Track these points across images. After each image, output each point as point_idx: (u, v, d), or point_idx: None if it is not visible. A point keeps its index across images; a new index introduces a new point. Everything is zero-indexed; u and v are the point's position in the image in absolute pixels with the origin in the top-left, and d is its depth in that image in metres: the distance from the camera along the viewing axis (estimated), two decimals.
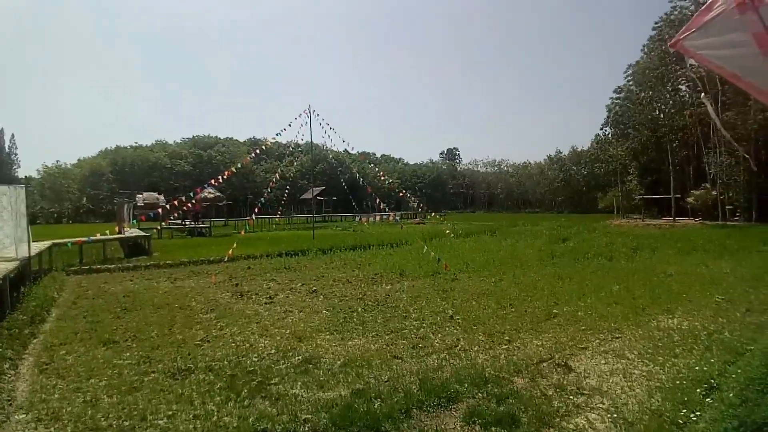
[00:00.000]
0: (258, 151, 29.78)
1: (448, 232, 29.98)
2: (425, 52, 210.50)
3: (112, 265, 20.05)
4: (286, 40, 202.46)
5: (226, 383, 7.05)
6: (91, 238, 19.07)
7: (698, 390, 6.52)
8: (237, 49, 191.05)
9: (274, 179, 29.65)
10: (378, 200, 29.17)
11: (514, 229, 38.88)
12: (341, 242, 27.37)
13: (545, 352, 8.45)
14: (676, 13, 49.92)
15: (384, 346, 8.81)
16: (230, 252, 19.08)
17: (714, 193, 45.93)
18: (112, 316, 11.53)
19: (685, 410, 5.98)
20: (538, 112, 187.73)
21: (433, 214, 42.67)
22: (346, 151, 38.71)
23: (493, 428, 5.66)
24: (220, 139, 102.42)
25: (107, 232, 21.08)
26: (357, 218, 55.19)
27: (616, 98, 61.12)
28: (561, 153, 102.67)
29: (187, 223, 39.82)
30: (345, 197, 48.05)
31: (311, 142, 35.02)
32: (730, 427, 5.30)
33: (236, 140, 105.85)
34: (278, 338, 9.43)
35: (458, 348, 8.69)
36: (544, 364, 7.81)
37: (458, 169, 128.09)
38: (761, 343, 8.36)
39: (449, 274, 16.62)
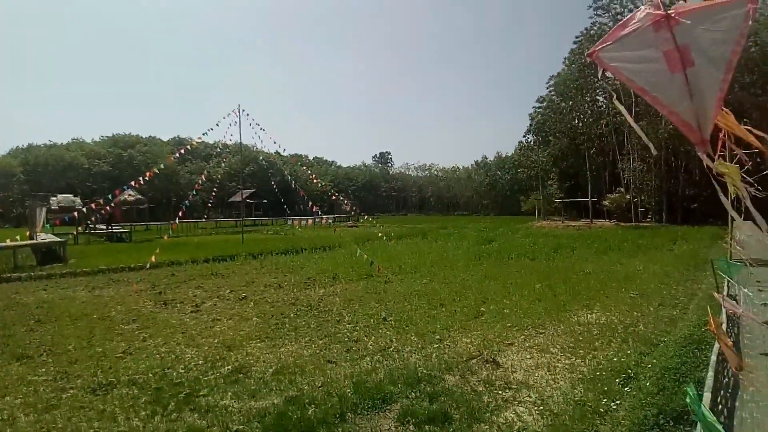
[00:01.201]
0: (183, 151, 28.23)
1: (380, 234, 30.21)
2: (359, 55, 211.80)
3: (24, 274, 18.29)
4: (214, 36, 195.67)
5: (152, 397, 6.69)
6: (1, 244, 17.38)
7: (617, 380, 6.97)
8: (161, 43, 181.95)
9: (200, 181, 28.31)
10: (310, 203, 28.82)
11: (444, 231, 39.84)
12: (272, 246, 26.78)
13: (474, 349, 8.71)
14: (595, 28, 53.48)
15: (317, 351, 8.71)
16: (153, 258, 18.03)
17: (628, 196, 49.73)
18: (25, 329, 10.56)
19: (605, 399, 6.37)
20: (466, 118, 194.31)
21: (366, 217, 42.81)
22: (277, 152, 38.02)
23: (426, 427, 5.73)
24: (141, 138, 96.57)
25: (18, 237, 19.61)
26: (289, 221, 54.25)
27: (539, 107, 64.74)
28: (487, 158, 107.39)
29: (98, 226, 37.25)
30: (276, 200, 47.03)
31: (240, 142, 33.77)
32: (650, 415, 5.69)
33: (159, 139, 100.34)
34: (206, 348, 9.05)
35: (391, 349, 8.77)
36: (474, 361, 8.05)
37: (390, 172, 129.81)
38: (674, 335, 9.09)
39: (382, 276, 16.73)
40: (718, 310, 8.04)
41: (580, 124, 57.19)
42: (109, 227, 36.89)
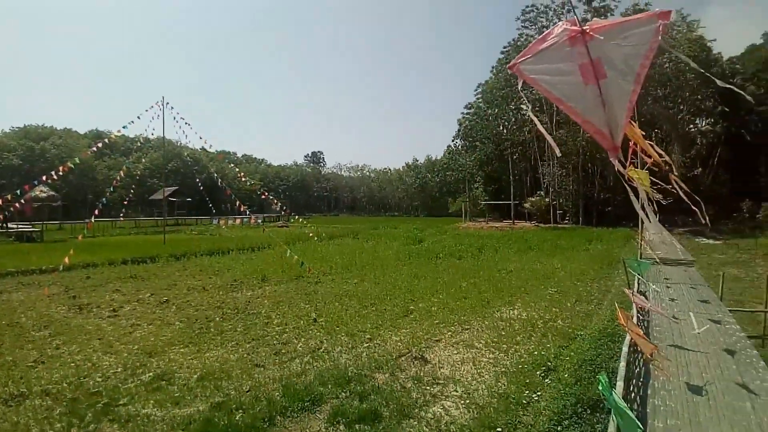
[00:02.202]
0: (101, 144, 26.30)
1: (311, 235, 29.90)
2: (293, 53, 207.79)
3: None
4: (136, 22, 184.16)
5: (67, 408, 6.27)
6: None
7: (538, 372, 7.37)
8: (79, 30, 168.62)
9: (118, 177, 26.61)
10: (238, 202, 27.92)
11: (375, 231, 40.15)
12: (196, 247, 25.71)
13: (404, 346, 8.88)
14: (522, 39, 56.07)
15: (245, 355, 8.51)
16: (66, 260, 16.71)
17: (547, 199, 52.71)
18: None
19: (527, 391, 6.71)
20: (398, 121, 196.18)
21: (296, 217, 42.19)
22: (203, 148, 36.66)
23: (357, 426, 5.77)
24: (56, 129, 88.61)
25: None
26: (214, 221, 52.29)
27: (467, 113, 67.09)
28: (418, 161, 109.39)
29: (9, 226, 34.07)
30: (201, 199, 45.19)
31: (164, 137, 32.10)
32: (568, 404, 6.06)
33: (76, 132, 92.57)
34: (125, 355, 8.56)
35: (321, 350, 8.75)
36: (403, 359, 8.21)
37: (323, 172, 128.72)
38: (589, 328, 9.74)
39: (313, 277, 16.59)
40: (629, 305, 8.71)
41: (505, 131, 59.84)
42: (4, 226, 33.71)
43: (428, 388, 6.92)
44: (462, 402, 6.44)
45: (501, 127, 60.18)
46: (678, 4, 54.92)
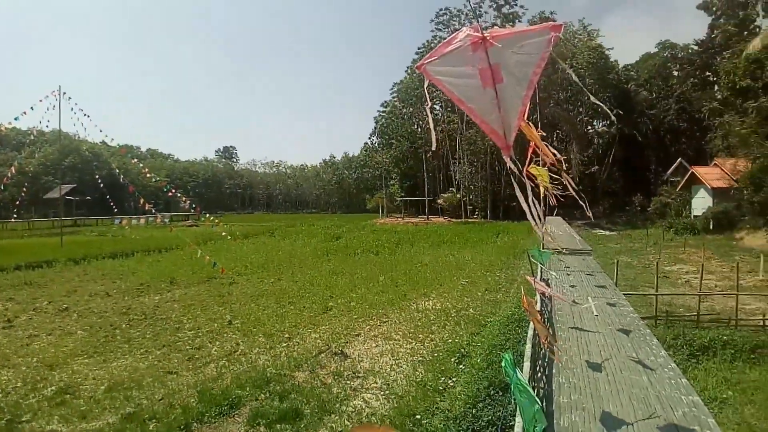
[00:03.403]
0: None
1: (224, 234, 28.86)
2: (202, 43, 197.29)
3: None
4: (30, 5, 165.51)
5: None
6: None
7: (453, 359, 7.75)
8: None
9: (9, 174, 24.08)
10: (142, 200, 26.27)
11: (292, 229, 39.59)
12: (98, 250, 23.87)
13: (323, 343, 8.95)
14: (436, 42, 57.72)
15: (155, 363, 8.13)
16: None
17: (459, 195, 55.00)
18: None
19: (443, 378, 7.03)
20: (315, 118, 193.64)
21: (207, 215, 40.47)
22: (103, 142, 33.95)
23: (277, 426, 5.75)
24: None
25: None
26: (116, 221, 48.77)
27: (383, 111, 68.09)
28: (335, 158, 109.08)
29: None
30: (102, 197, 41.90)
31: (60, 129, 29.41)
32: (482, 387, 6.43)
33: None
34: (24, 368, 7.87)
35: (238, 353, 8.59)
36: (323, 355, 8.27)
37: (236, 168, 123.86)
38: (498, 315, 10.34)
39: (226, 277, 16.07)
40: (534, 292, 9.36)
41: (419, 130, 61.63)
42: None
43: (348, 382, 7.03)
44: (382, 393, 6.62)
45: (416, 126, 61.94)
46: (580, 14, 59.82)
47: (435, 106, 59.52)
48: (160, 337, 9.59)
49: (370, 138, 73.32)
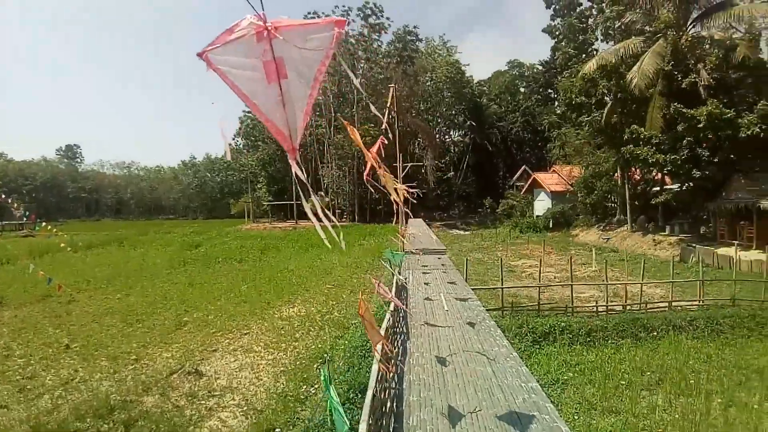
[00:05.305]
0: None
1: (63, 245, 25.41)
2: (34, 32, 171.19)
3: None
4: None
5: None
6: None
7: (315, 366, 7.61)
8: None
9: None
10: None
11: (145, 237, 36.22)
12: None
13: (176, 362, 8.24)
14: None
15: None
16: None
17: (327, 199, 55.14)
18: None
19: (305, 386, 6.87)
20: (173, 115, 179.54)
21: (44, 224, 35.32)
22: None
23: None
24: None
25: None
26: None
27: (248, 111, 65.39)
28: (195, 159, 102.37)
29: None
30: None
31: None
32: (341, 392, 6.37)
33: None
34: None
35: (77, 380, 7.60)
36: (175, 376, 7.61)
37: (80, 170, 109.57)
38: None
39: (65, 295, 14.13)
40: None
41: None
42: None
43: (203, 402, 6.57)
44: (240, 410, 6.28)
45: None
46: (441, 30, 63.94)
47: None
48: None
49: (234, 139, 70.15)
